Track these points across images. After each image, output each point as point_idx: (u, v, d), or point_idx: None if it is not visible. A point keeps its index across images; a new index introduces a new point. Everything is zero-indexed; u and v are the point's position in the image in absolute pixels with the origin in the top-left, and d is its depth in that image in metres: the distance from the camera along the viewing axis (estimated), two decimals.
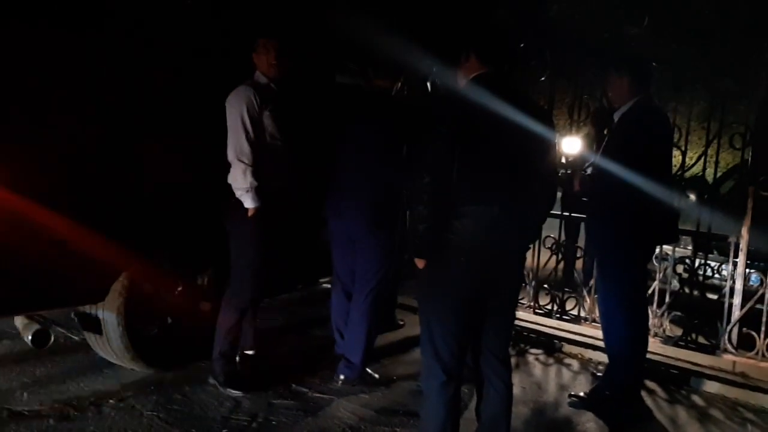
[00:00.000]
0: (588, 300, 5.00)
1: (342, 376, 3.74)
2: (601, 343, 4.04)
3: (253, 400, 3.43)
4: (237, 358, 3.65)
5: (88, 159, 3.06)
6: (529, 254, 5.21)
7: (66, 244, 2.88)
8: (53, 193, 2.86)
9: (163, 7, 3.34)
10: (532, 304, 5.28)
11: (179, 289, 3.67)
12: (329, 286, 4.20)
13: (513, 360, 4.48)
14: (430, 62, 3.91)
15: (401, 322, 4.98)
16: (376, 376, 3.85)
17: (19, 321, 3.26)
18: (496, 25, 2.70)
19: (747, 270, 4.50)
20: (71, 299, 3.25)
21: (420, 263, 2.56)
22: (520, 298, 5.29)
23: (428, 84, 4.42)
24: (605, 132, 5.00)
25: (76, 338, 3.83)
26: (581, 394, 3.83)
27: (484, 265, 2.52)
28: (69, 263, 2.95)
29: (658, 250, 4.76)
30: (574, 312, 5.11)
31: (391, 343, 4.45)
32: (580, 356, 4.69)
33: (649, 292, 4.79)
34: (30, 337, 3.13)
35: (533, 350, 4.80)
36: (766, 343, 4.26)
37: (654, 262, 4.86)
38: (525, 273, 5.24)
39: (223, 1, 3.63)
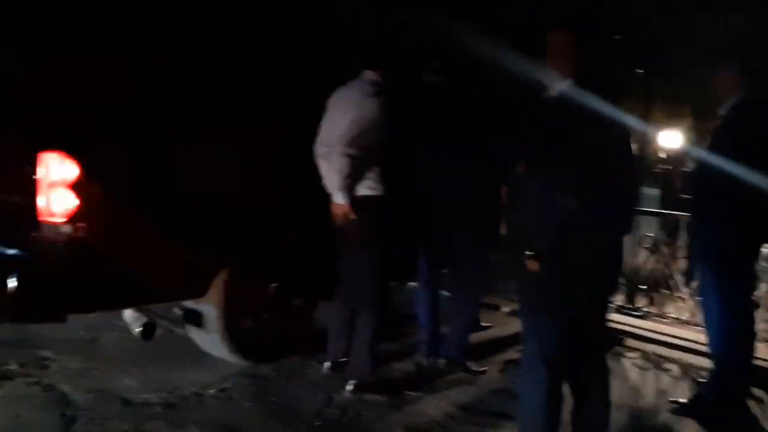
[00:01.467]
0: (690, 302, 4.78)
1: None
2: (704, 348, 3.85)
3: (344, 395, 3.49)
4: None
5: (202, 167, 3.25)
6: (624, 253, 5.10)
7: (171, 242, 3.05)
8: (161, 195, 3.05)
9: None
10: (628, 305, 5.11)
11: (274, 285, 3.79)
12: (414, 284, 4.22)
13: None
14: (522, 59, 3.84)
15: (486, 325, 4.91)
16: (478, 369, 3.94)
17: (128, 314, 3.47)
18: (593, 23, 2.62)
19: None
20: (175, 294, 3.44)
21: (534, 266, 2.49)
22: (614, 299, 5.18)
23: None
24: (709, 125, 4.79)
25: (180, 331, 4.02)
26: (682, 400, 3.67)
27: (595, 269, 2.49)
28: (174, 261, 3.12)
29: (766, 250, 4.50)
30: (674, 315, 4.90)
31: (478, 344, 4.41)
32: (680, 361, 4.49)
33: (758, 294, 4.53)
34: (138, 329, 3.33)
35: (629, 354, 4.63)
36: None
37: (763, 263, 4.59)
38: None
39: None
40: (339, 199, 3.31)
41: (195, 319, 3.56)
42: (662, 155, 5.84)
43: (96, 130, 2.93)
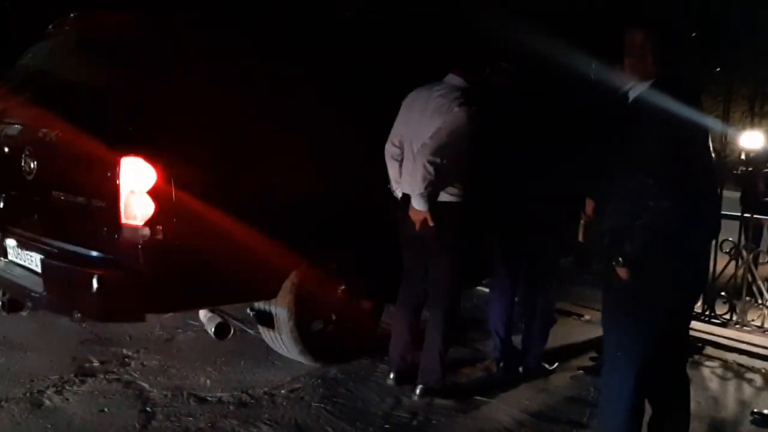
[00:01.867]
0: None
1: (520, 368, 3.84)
2: None
3: (413, 399, 3.49)
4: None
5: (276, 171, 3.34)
6: None
7: (244, 244, 3.13)
8: (234, 199, 3.14)
9: None
10: (707, 312, 4.91)
11: (342, 287, 3.83)
12: (483, 289, 4.18)
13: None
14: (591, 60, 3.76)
15: None
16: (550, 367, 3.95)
17: (202, 314, 3.58)
18: (672, 24, 2.51)
19: None
20: (248, 295, 3.53)
21: (624, 273, 2.40)
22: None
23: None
24: None
25: (251, 332, 4.12)
26: (766, 411, 3.50)
27: (684, 274, 2.42)
28: (247, 263, 3.20)
29: None
30: (757, 322, 4.68)
31: (550, 350, 4.33)
32: (763, 371, 4.28)
33: None
34: (212, 329, 3.43)
35: (709, 363, 4.45)
36: None
37: None
38: None
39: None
40: (419, 205, 3.25)
41: (266, 319, 3.63)
42: (743, 157, 5.59)
43: (176, 136, 3.04)
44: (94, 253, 3.16)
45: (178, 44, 3.18)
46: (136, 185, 2.93)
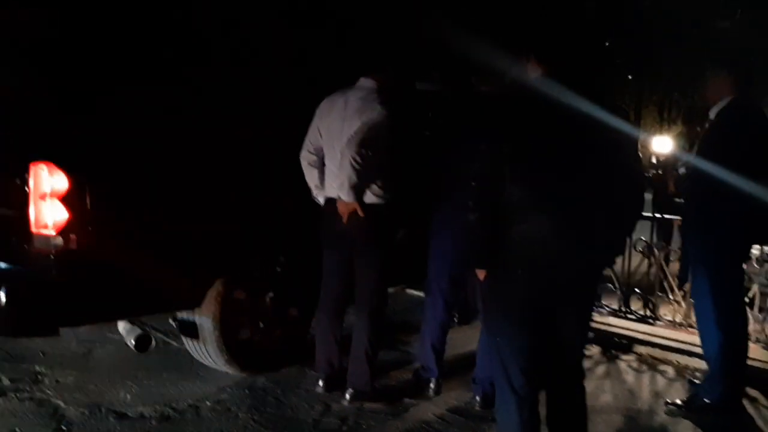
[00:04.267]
0: (683, 304, 4.80)
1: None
2: (699, 350, 3.87)
3: (343, 404, 3.48)
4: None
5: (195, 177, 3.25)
6: (618, 258, 5.11)
7: (165, 252, 3.04)
8: (152, 205, 3.05)
9: None
10: (623, 308, 5.11)
11: (270, 294, 3.77)
12: (414, 292, 4.18)
13: (604, 367, 4.40)
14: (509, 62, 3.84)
15: None
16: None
17: (121, 326, 3.45)
18: (558, 23, 2.60)
19: None
20: (170, 305, 3.42)
21: (480, 274, 2.47)
22: (608, 303, 5.19)
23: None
24: (699, 130, 4.83)
25: (174, 343, 4.01)
26: (678, 401, 3.67)
27: (546, 276, 2.35)
28: (168, 271, 3.11)
29: (758, 252, 4.53)
30: (669, 317, 4.92)
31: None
32: (676, 363, 4.50)
33: (750, 295, 4.56)
34: (133, 342, 3.31)
35: (625, 357, 4.64)
36: None
37: (754, 264, 4.62)
38: (614, 278, 5.12)
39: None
40: (349, 197, 3.26)
41: (190, 330, 3.54)
42: (654, 160, 5.88)
43: (88, 141, 2.92)
44: (3, 265, 3.00)
45: (95, 47, 3.06)
46: (48, 192, 2.79)
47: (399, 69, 3.71)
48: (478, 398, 3.54)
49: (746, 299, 4.46)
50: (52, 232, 2.81)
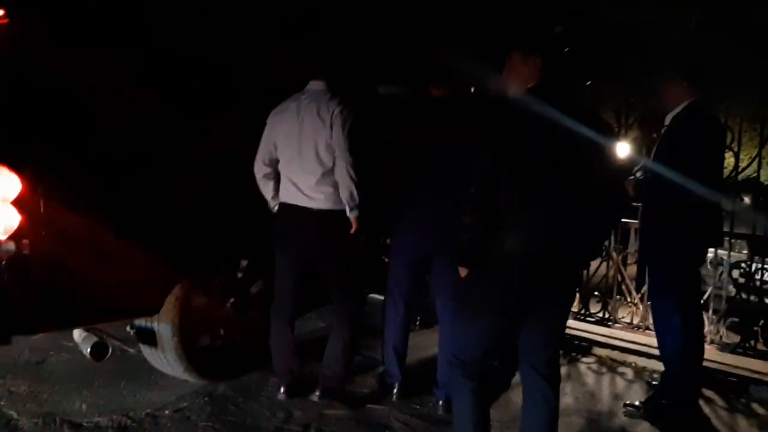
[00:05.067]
0: (641, 307, 4.89)
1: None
2: (656, 351, 3.94)
3: (305, 410, 3.44)
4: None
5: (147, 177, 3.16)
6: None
7: (121, 258, 2.96)
8: (109, 209, 2.97)
9: None
10: (583, 311, 5.20)
11: (231, 300, 3.72)
12: (377, 296, 4.17)
13: (564, 369, 4.45)
14: (478, 67, 3.85)
15: None
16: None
17: (77, 334, 3.34)
18: (558, 33, 2.63)
19: None
20: (128, 312, 3.34)
21: (462, 272, 2.56)
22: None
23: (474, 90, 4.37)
24: (654, 135, 4.93)
25: (132, 350, 3.91)
26: (637, 403, 3.74)
27: (523, 278, 2.46)
28: (124, 277, 3.03)
29: (712, 254, 4.64)
30: (627, 319, 5.01)
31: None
32: (634, 365, 4.59)
33: (705, 298, 4.67)
34: (88, 350, 3.21)
35: (585, 359, 4.71)
36: None
37: (708, 267, 4.74)
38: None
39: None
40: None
41: (148, 337, 3.46)
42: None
43: (42, 142, 2.83)
44: None
45: (46, 48, 2.96)
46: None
47: (354, 71, 3.69)
48: (440, 402, 3.55)
49: (701, 301, 4.58)
50: (3, 238, 2.71)
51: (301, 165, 3.31)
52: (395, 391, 3.70)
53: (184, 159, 3.32)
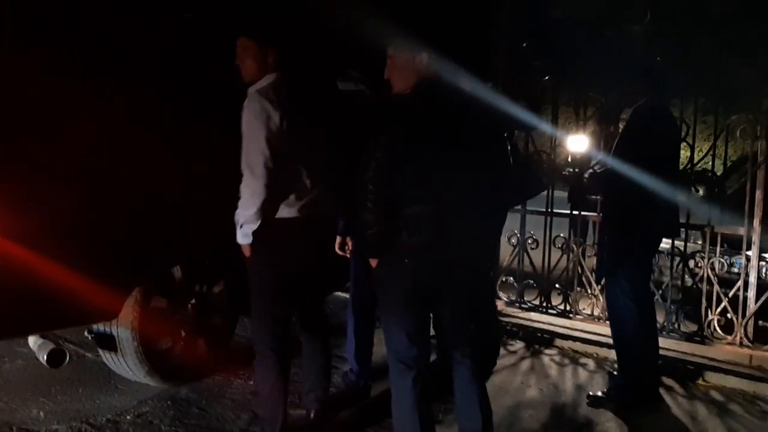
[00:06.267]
0: (601, 298, 4.97)
1: None
2: None
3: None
4: None
5: (98, 176, 3.06)
6: (538, 254, 5.26)
7: (79, 261, 2.88)
8: (63, 210, 2.87)
9: None
10: (544, 304, 5.26)
11: (192, 302, 3.66)
12: (341, 294, 4.14)
13: (527, 362, 4.51)
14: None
15: None
16: None
17: (32, 341, 3.25)
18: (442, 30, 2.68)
19: (760, 262, 4.48)
20: (85, 317, 3.25)
21: (373, 262, 2.64)
22: (531, 299, 5.33)
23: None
24: (612, 129, 5.02)
25: (91, 356, 3.82)
26: (599, 393, 3.80)
27: (430, 263, 2.56)
28: (82, 281, 2.95)
29: (668, 245, 4.75)
30: (588, 311, 5.09)
31: None
32: (595, 355, 4.66)
33: (663, 288, 4.78)
34: (45, 357, 3.11)
35: (547, 351, 4.77)
36: None
37: (666, 258, 4.84)
38: (533, 271, 5.26)
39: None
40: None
41: (107, 342, 3.38)
42: (570, 159, 6.06)
43: None
44: None
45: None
46: None
47: (306, 64, 3.61)
48: None
49: (659, 291, 4.69)
50: None
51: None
52: (360, 388, 3.69)
53: (138, 157, 3.21)
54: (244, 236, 2.89)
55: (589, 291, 5.12)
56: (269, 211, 2.85)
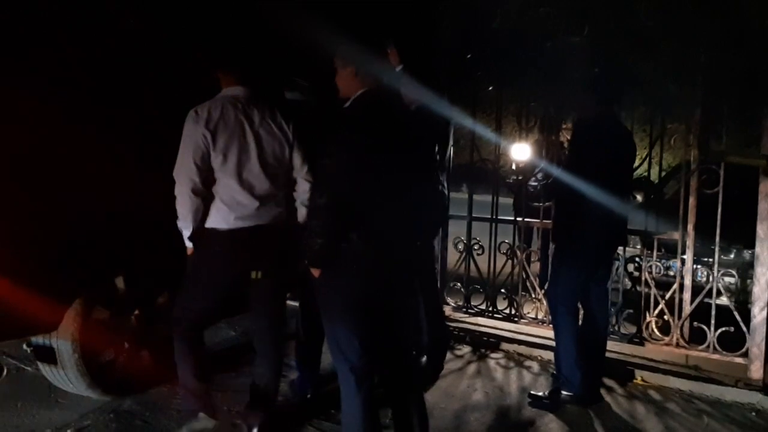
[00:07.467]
0: (545, 302, 5.09)
1: None
2: None
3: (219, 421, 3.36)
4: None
5: (37, 185, 2.98)
6: (484, 259, 5.35)
7: (14, 272, 2.79)
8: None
9: None
10: (490, 308, 5.35)
11: (135, 312, 3.59)
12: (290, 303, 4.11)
13: (473, 365, 4.57)
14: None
15: None
16: None
17: None
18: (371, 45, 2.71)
19: (694, 266, 4.65)
20: (23, 329, 3.15)
21: (315, 272, 2.64)
22: (478, 303, 5.41)
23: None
24: (554, 138, 5.16)
25: (30, 369, 3.72)
26: (541, 394, 3.89)
27: (379, 270, 2.61)
28: (19, 292, 2.86)
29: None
30: (532, 315, 5.20)
31: None
32: (540, 358, 4.77)
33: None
34: None
35: (493, 355, 4.86)
36: (715, 336, 4.40)
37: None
38: (476, 276, 5.35)
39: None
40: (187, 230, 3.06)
41: (47, 355, 3.29)
42: (514, 167, 6.19)
43: None
44: None
45: None
46: None
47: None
48: None
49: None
50: None
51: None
52: (308, 396, 3.69)
53: (77, 167, 3.14)
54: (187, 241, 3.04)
55: (533, 295, 5.23)
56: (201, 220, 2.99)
